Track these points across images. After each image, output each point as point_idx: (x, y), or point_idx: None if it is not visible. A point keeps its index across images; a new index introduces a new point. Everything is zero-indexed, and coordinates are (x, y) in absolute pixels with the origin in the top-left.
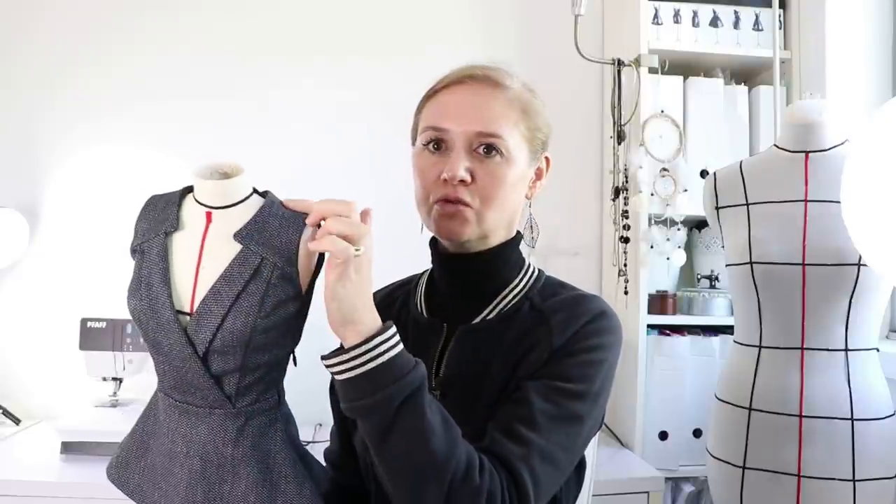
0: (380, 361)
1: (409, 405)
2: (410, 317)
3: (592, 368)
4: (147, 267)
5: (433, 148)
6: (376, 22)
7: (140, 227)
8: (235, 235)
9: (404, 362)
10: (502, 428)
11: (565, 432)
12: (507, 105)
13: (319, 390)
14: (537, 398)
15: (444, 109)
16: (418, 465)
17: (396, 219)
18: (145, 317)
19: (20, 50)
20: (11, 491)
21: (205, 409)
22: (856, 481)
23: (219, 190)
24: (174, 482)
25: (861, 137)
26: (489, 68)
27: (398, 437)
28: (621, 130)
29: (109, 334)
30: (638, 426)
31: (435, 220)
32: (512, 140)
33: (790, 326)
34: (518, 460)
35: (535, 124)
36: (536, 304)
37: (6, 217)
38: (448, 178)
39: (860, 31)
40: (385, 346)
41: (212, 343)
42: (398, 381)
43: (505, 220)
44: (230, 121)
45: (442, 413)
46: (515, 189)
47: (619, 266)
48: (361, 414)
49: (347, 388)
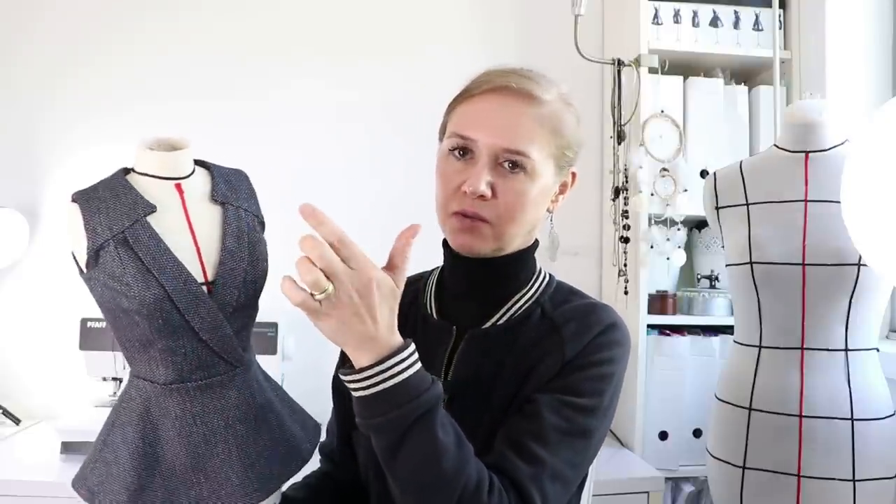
0: (393, 382)
1: (420, 424)
2: (420, 316)
3: (603, 383)
4: (145, 254)
5: (459, 154)
6: (376, 22)
7: (96, 222)
8: (213, 198)
9: (418, 382)
10: (513, 444)
11: (575, 448)
12: (539, 122)
13: (319, 391)
14: (549, 413)
15: (473, 118)
16: (426, 482)
17: (397, 218)
18: (167, 303)
19: (20, 50)
20: (11, 491)
21: (228, 374)
22: (856, 481)
23: (172, 162)
24: (222, 458)
25: (861, 137)
26: (526, 78)
27: (408, 455)
28: (621, 130)
29: (109, 334)
30: (638, 426)
31: (452, 232)
32: (539, 157)
33: (790, 326)
34: (528, 481)
35: (566, 142)
36: (547, 311)
37: (6, 217)
38: (469, 192)
39: (860, 31)
40: (400, 366)
41: (237, 300)
42: (412, 402)
43: (523, 233)
44: (230, 121)
45: (456, 431)
46: (537, 204)
47: (619, 266)
48: (373, 430)
49: (360, 406)
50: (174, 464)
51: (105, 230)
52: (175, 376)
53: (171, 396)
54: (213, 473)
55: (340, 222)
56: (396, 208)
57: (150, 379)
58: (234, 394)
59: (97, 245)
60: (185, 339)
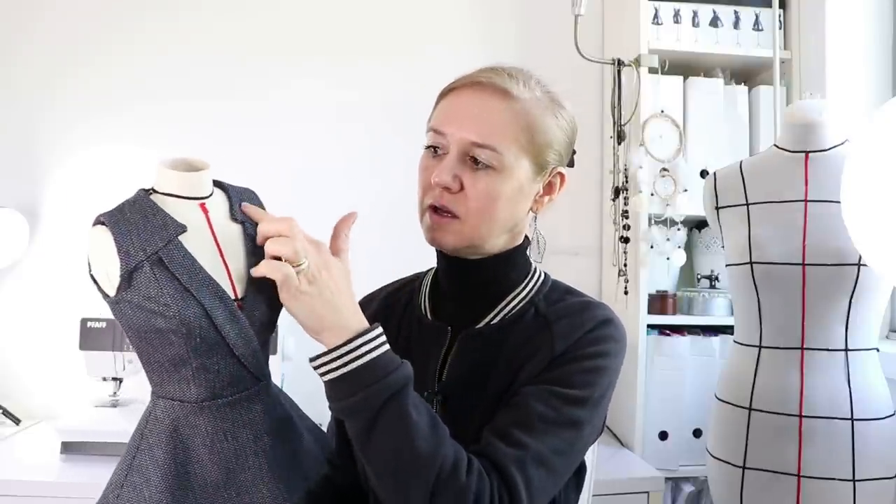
0: (361, 362)
1: (392, 404)
2: (415, 317)
3: (594, 375)
4: (182, 273)
5: (433, 152)
6: (376, 22)
7: (128, 244)
8: (233, 217)
9: (387, 362)
10: (497, 431)
11: (562, 437)
12: (511, 117)
13: (320, 392)
14: (535, 402)
15: (447, 112)
16: (402, 464)
17: (397, 218)
18: (205, 321)
19: (20, 50)
20: (11, 491)
21: (255, 389)
22: (856, 481)
23: (196, 182)
24: (253, 471)
25: (861, 137)
26: (505, 75)
27: (381, 436)
28: (621, 130)
29: (109, 334)
30: (638, 426)
31: (425, 228)
32: (509, 153)
33: (790, 326)
34: (510, 463)
35: (545, 139)
36: (541, 309)
37: (6, 217)
38: (434, 182)
39: (860, 31)
40: (367, 346)
41: (264, 316)
42: (380, 381)
43: (500, 231)
44: (230, 121)
45: (429, 413)
46: (512, 203)
47: (619, 266)
48: (345, 413)
49: (330, 388)
50: (206, 481)
51: (139, 251)
52: (207, 394)
53: (201, 414)
54: (244, 487)
55: None
56: (396, 208)
57: (179, 398)
58: (260, 407)
59: (131, 267)
60: (219, 357)
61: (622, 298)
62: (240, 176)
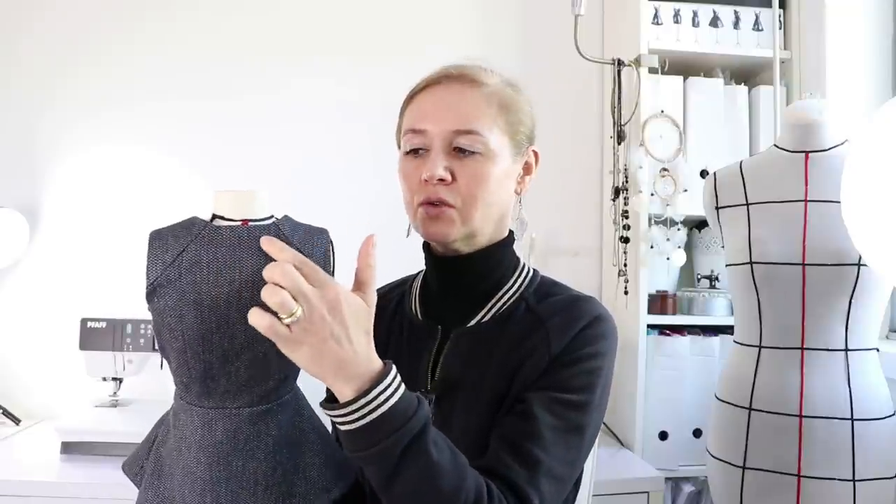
0: (378, 413)
1: (412, 450)
2: (406, 318)
3: (592, 377)
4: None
5: (414, 154)
6: (376, 22)
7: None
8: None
9: (405, 407)
10: (508, 445)
11: (569, 445)
12: (485, 101)
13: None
14: (541, 412)
15: (421, 111)
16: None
17: (396, 218)
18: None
19: (20, 50)
20: (11, 491)
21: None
22: (856, 481)
23: (243, 200)
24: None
25: (861, 137)
26: (465, 66)
27: (404, 482)
28: (621, 130)
29: (109, 334)
30: (638, 426)
31: (421, 224)
32: (492, 136)
33: (790, 326)
34: (526, 484)
35: (517, 118)
36: (532, 305)
37: (6, 217)
38: (427, 179)
39: (860, 31)
40: (383, 396)
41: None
42: (400, 430)
43: (492, 217)
44: (230, 121)
45: (448, 446)
46: (501, 186)
47: (619, 266)
48: (365, 462)
49: (348, 439)
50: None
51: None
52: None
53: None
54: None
55: (341, 222)
56: (397, 208)
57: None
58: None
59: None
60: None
61: (622, 298)
62: (240, 176)
